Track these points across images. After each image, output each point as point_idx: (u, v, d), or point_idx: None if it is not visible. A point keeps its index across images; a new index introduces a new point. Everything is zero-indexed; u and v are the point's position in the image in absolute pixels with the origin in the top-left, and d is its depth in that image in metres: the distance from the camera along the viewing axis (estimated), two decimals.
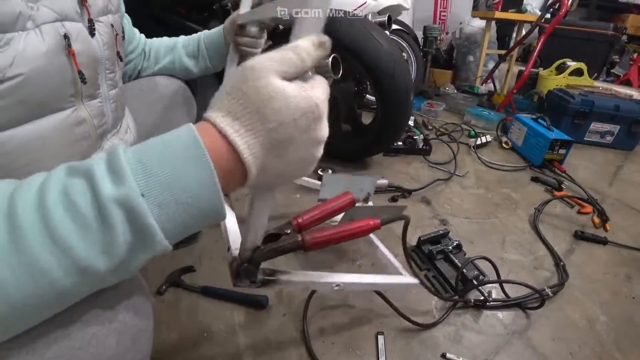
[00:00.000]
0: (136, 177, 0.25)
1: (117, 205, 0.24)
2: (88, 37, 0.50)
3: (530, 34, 2.48)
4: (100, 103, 0.56)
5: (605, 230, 1.21)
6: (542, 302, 0.83)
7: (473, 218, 1.22)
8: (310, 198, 1.28)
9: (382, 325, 0.79)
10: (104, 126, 0.58)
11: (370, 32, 1.18)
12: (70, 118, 0.49)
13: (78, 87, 0.49)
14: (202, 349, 0.73)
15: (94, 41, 0.52)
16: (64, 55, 0.45)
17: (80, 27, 0.48)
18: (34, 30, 0.41)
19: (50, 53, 0.42)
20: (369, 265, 0.97)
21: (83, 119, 0.51)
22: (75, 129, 0.50)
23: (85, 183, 0.25)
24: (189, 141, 0.27)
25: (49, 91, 0.44)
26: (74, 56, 0.46)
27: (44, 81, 0.43)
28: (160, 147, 0.27)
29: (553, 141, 1.58)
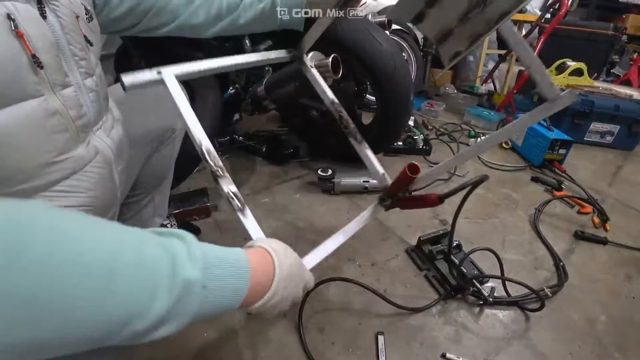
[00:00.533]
0: (205, 272, 0.33)
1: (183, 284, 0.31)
2: (40, 19, 0.46)
3: (530, 34, 2.48)
4: (75, 93, 0.51)
5: (605, 230, 1.21)
6: (542, 304, 0.83)
7: (473, 218, 1.22)
8: (310, 198, 1.28)
9: (382, 325, 0.79)
10: (84, 118, 0.53)
11: (370, 32, 1.18)
12: (39, 109, 0.46)
13: (40, 74, 0.45)
14: (202, 349, 0.73)
15: (50, 23, 0.47)
16: (13, 37, 0.41)
17: (27, 8, 0.44)
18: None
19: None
20: (369, 265, 0.97)
21: (55, 110, 0.48)
22: (47, 121, 0.47)
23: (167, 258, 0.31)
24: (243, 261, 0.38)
25: (4, 77, 0.41)
26: (23, 38, 0.42)
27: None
28: (223, 252, 0.37)
29: (553, 141, 1.58)
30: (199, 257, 0.33)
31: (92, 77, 0.56)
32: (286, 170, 1.48)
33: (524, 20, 2.52)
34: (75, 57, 0.52)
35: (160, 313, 0.29)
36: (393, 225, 1.15)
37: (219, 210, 1.17)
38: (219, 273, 0.34)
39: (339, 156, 1.55)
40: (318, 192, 1.32)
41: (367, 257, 0.99)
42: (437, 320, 0.82)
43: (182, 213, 1.09)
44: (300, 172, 1.47)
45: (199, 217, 1.13)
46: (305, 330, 0.77)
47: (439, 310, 0.85)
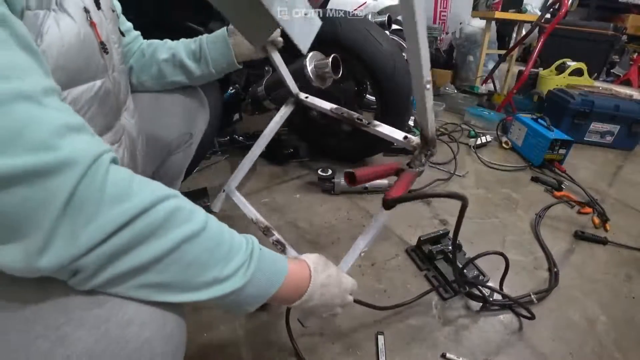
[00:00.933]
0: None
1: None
2: (97, 11, 0.54)
3: (530, 34, 2.48)
4: (117, 75, 0.60)
5: (605, 230, 1.21)
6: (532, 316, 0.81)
7: (473, 218, 1.22)
8: (310, 198, 1.28)
9: (382, 325, 0.79)
10: (122, 97, 0.62)
11: (370, 32, 1.18)
12: (102, 89, 0.53)
13: (104, 57, 0.54)
14: (202, 349, 0.73)
15: (101, 13, 0.55)
16: (89, 26, 0.49)
17: (91, 2, 0.52)
18: (59, 8, 0.45)
19: (78, 24, 0.47)
20: (369, 265, 0.97)
21: (110, 89, 0.56)
22: (104, 99, 0.55)
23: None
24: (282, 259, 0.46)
25: (83, 60, 0.48)
26: (95, 27, 0.51)
27: (78, 50, 0.47)
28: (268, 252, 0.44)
29: (553, 141, 1.58)
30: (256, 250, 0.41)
31: (124, 64, 0.65)
32: (286, 170, 1.48)
33: (524, 20, 2.52)
34: (115, 45, 0.60)
35: (235, 267, 0.37)
36: (393, 225, 1.15)
37: (219, 210, 1.17)
38: (261, 264, 0.41)
39: (339, 156, 1.55)
40: (318, 192, 1.32)
41: (367, 257, 0.99)
42: (437, 320, 0.82)
43: None
44: (300, 172, 1.47)
45: None
46: (304, 331, 0.77)
47: (439, 310, 0.85)
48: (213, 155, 1.56)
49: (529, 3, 2.81)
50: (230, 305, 0.39)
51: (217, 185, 1.33)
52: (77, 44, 0.46)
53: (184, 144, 0.84)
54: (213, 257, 0.35)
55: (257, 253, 0.40)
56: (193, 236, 0.34)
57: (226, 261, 0.36)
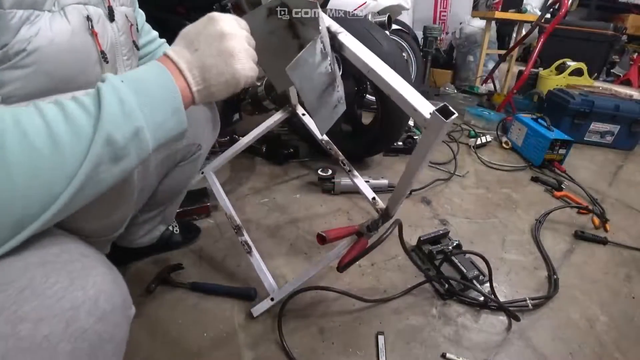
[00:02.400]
0: (117, 77, 0.36)
1: (106, 85, 0.35)
2: (107, 22, 0.53)
3: (530, 34, 2.48)
4: None
5: (605, 230, 1.21)
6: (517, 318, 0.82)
7: (473, 218, 1.22)
8: (310, 198, 1.28)
9: (382, 325, 0.79)
10: None
11: (370, 32, 1.18)
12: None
13: (103, 67, 0.52)
14: (202, 349, 0.73)
15: (113, 25, 0.54)
16: (88, 35, 0.48)
17: (100, 12, 0.51)
18: (59, 11, 0.44)
19: (75, 31, 0.45)
20: (369, 265, 0.97)
21: None
22: None
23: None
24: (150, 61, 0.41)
25: (74, 67, 0.47)
26: (97, 36, 0.49)
27: (68, 57, 0.45)
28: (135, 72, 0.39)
29: (553, 141, 1.58)
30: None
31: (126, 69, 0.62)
32: (286, 170, 1.48)
33: (524, 20, 2.52)
34: (124, 57, 0.59)
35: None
36: None
37: (219, 210, 1.17)
38: (131, 74, 0.38)
39: None
40: (318, 192, 1.32)
41: (367, 257, 0.99)
42: (437, 320, 0.82)
43: (183, 213, 1.09)
44: (300, 172, 1.47)
45: (199, 217, 1.13)
46: (305, 331, 0.77)
47: (438, 310, 0.85)
48: (213, 155, 1.55)
49: (529, 3, 2.81)
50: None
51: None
52: (69, 51, 0.45)
53: (191, 155, 0.81)
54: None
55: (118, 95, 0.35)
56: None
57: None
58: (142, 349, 0.71)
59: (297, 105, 0.98)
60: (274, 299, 0.77)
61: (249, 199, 1.26)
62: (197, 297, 0.84)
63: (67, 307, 0.31)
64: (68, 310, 0.31)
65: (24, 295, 0.30)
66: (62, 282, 0.32)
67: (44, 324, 0.29)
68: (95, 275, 0.34)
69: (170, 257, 0.96)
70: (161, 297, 0.84)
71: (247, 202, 1.23)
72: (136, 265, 0.93)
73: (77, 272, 0.34)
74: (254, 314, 0.77)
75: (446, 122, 0.38)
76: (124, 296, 0.38)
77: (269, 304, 0.78)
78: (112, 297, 0.35)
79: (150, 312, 0.80)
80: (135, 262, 0.93)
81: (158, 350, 0.72)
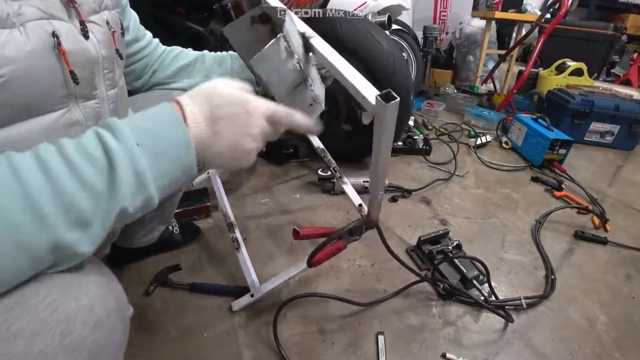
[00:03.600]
0: (132, 131, 0.33)
1: (122, 151, 0.32)
2: (80, 37, 0.47)
3: (530, 34, 2.48)
4: (97, 104, 0.52)
5: (606, 230, 1.21)
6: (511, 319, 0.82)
7: (473, 218, 1.22)
8: (310, 198, 1.28)
9: (382, 326, 0.79)
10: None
11: (370, 32, 1.18)
12: (60, 120, 0.46)
13: (71, 88, 0.46)
14: (202, 349, 0.73)
15: (88, 43, 0.48)
16: (53, 55, 0.42)
17: (69, 27, 0.45)
18: (18, 27, 0.38)
19: (36, 52, 0.40)
20: (369, 265, 0.97)
21: (76, 120, 0.48)
22: (66, 132, 0.47)
23: (93, 134, 0.33)
24: (167, 110, 0.37)
25: (35, 93, 0.42)
26: (64, 55, 0.43)
27: (28, 83, 0.40)
28: (144, 115, 0.36)
29: (553, 141, 1.58)
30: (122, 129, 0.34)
31: (115, 88, 0.57)
32: (286, 170, 1.48)
33: (524, 20, 2.52)
34: (105, 70, 0.53)
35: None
36: (393, 225, 1.15)
37: (220, 210, 1.17)
38: (146, 126, 0.35)
39: (339, 156, 1.54)
40: (318, 192, 1.32)
41: (367, 257, 0.99)
42: (437, 320, 0.82)
43: (182, 213, 1.09)
44: (300, 172, 1.47)
45: (199, 217, 1.13)
46: (305, 331, 0.77)
47: (438, 310, 0.85)
48: None
49: (529, 3, 2.81)
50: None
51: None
52: (26, 74, 0.39)
53: None
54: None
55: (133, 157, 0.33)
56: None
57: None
58: (142, 349, 0.71)
59: None
60: (254, 295, 0.79)
61: (249, 198, 1.26)
62: (197, 297, 0.84)
63: (61, 319, 0.30)
64: (62, 322, 0.30)
65: (15, 312, 0.29)
66: (54, 294, 0.31)
67: (39, 338, 0.29)
68: (88, 283, 0.34)
69: (171, 257, 0.96)
70: (161, 298, 0.84)
71: (247, 202, 1.23)
72: (137, 265, 0.93)
73: (69, 282, 0.33)
74: (233, 307, 0.78)
75: (388, 105, 0.40)
76: (119, 298, 0.37)
77: (248, 300, 0.79)
78: (106, 303, 0.34)
79: (150, 312, 0.80)
80: (135, 262, 0.93)
81: (158, 350, 0.72)
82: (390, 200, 1.29)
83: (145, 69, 0.77)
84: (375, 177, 0.57)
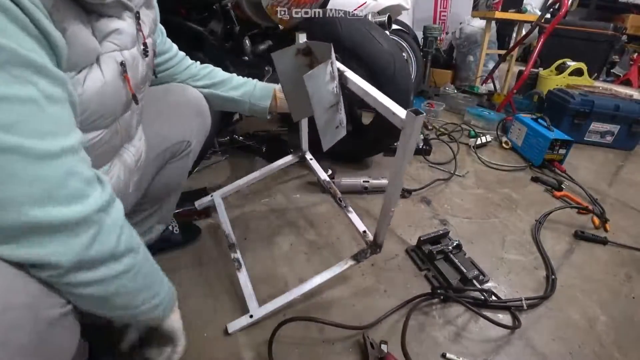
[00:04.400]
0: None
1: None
2: (140, 59, 0.54)
3: (530, 34, 2.48)
4: (130, 116, 0.59)
5: (605, 230, 1.21)
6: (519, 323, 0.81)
7: (473, 218, 1.22)
8: (310, 198, 1.28)
9: (382, 326, 0.79)
10: (129, 134, 0.61)
11: (370, 32, 1.18)
12: (109, 131, 0.54)
13: (133, 107, 0.55)
14: (202, 349, 0.73)
15: (144, 62, 0.56)
16: (120, 81, 0.50)
17: (135, 53, 0.53)
18: (95, 63, 0.46)
19: (107, 81, 0.47)
20: (369, 265, 0.97)
21: (117, 131, 0.56)
22: (110, 141, 0.55)
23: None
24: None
25: (102, 114, 0.49)
26: (129, 81, 0.51)
27: (99, 107, 0.48)
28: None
29: (553, 141, 1.58)
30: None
31: (142, 101, 0.63)
32: (286, 170, 1.48)
33: (524, 20, 2.52)
34: (143, 87, 0.60)
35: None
36: (393, 225, 1.15)
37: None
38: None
39: (339, 156, 1.55)
40: (318, 192, 1.32)
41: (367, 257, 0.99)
42: (437, 320, 0.82)
43: (183, 213, 1.09)
44: (300, 172, 1.47)
45: (199, 218, 1.13)
46: (305, 331, 0.77)
47: (438, 310, 0.85)
48: (213, 155, 1.56)
49: (529, 3, 2.81)
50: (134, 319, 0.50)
51: (217, 186, 1.33)
52: (99, 100, 0.47)
53: (181, 152, 0.80)
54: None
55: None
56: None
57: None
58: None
59: (306, 152, 1.16)
60: (253, 316, 0.76)
61: (249, 198, 1.26)
62: (197, 298, 0.84)
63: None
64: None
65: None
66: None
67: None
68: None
69: (171, 258, 0.96)
70: None
71: (247, 202, 1.23)
72: None
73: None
74: (229, 329, 0.75)
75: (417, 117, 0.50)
76: (34, 294, 0.36)
77: (247, 321, 0.76)
78: (5, 297, 0.33)
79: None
80: None
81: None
82: None
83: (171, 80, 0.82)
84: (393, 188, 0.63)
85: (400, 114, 0.52)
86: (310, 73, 0.57)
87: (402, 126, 0.53)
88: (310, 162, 1.09)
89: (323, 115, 0.66)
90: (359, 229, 0.85)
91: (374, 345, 0.72)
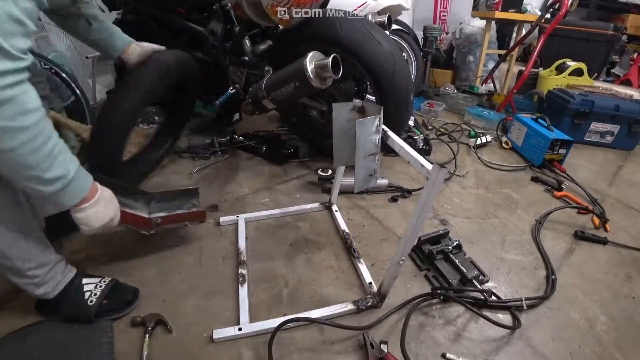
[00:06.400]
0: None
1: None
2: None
3: (530, 34, 2.48)
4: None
5: (606, 230, 1.20)
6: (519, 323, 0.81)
7: (473, 218, 1.22)
8: (309, 198, 1.28)
9: (382, 326, 0.79)
10: None
11: (370, 32, 1.18)
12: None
13: None
14: (202, 349, 0.73)
15: None
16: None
17: None
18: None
19: None
20: (369, 265, 0.97)
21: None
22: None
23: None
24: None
25: None
26: None
27: None
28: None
29: (553, 141, 1.58)
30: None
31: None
32: (286, 170, 1.48)
33: (524, 20, 2.52)
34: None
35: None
36: (393, 225, 1.15)
37: (220, 211, 1.17)
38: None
39: None
40: (318, 192, 1.32)
41: (367, 257, 0.99)
42: (437, 320, 0.82)
43: (175, 217, 0.93)
44: (300, 172, 1.47)
45: (191, 223, 0.97)
46: (305, 331, 0.77)
47: (438, 310, 0.85)
48: (213, 155, 1.56)
49: (529, 3, 2.81)
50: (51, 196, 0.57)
51: (216, 186, 1.33)
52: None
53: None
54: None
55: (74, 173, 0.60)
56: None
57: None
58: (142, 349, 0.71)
59: (334, 204, 1.20)
60: (242, 329, 0.75)
61: (249, 198, 1.26)
62: (197, 298, 0.84)
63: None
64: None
65: None
66: None
67: None
68: None
69: (170, 257, 0.96)
70: (160, 298, 0.84)
71: (247, 202, 1.23)
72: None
73: None
74: (214, 336, 0.73)
75: (441, 170, 0.59)
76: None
77: (235, 332, 0.75)
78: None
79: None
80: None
81: (158, 350, 0.72)
82: (390, 200, 1.29)
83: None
84: (414, 229, 0.68)
85: (427, 165, 0.62)
86: (362, 120, 0.70)
87: (426, 176, 0.61)
88: (335, 214, 1.16)
89: (362, 161, 0.77)
90: (366, 280, 0.89)
91: (374, 345, 0.72)
